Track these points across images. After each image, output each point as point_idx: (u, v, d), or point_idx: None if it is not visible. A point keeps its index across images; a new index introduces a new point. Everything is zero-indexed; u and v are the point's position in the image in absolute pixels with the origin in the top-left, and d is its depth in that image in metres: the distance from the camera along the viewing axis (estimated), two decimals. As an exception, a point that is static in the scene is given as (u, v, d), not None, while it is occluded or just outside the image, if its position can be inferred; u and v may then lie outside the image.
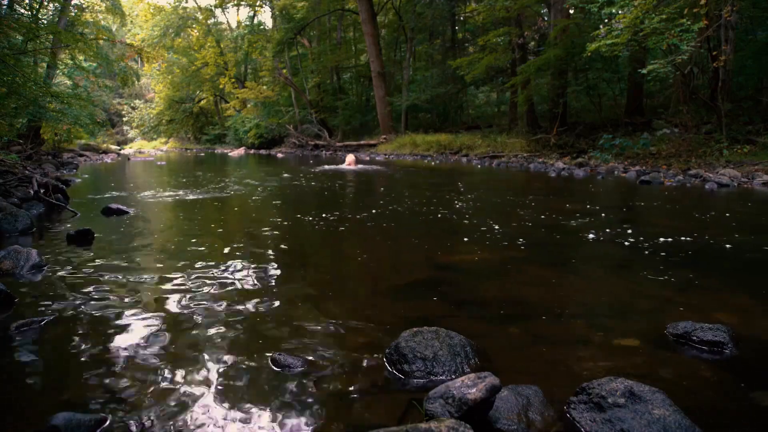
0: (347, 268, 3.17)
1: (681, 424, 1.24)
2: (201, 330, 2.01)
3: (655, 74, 9.66)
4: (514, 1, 14.75)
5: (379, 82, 22.42)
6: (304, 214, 5.00)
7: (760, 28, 11.70)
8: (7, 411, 1.43)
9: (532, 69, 14.76)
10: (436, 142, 18.20)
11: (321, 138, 26.15)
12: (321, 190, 7.69)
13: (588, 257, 3.31)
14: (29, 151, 12.40)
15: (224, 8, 35.22)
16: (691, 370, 1.68)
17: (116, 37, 25.26)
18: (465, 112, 24.19)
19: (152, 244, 3.71)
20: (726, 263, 3.07)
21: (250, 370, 1.67)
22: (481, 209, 5.40)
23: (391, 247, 3.69)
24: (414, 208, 5.30)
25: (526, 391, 1.43)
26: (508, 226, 4.29)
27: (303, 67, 29.80)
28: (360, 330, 2.03)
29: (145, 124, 44.57)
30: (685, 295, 2.48)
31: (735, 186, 7.43)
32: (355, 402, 1.49)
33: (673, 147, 10.60)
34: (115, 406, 1.44)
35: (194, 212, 5.47)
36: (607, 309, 2.30)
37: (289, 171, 12.18)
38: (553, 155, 13.21)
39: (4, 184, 5.58)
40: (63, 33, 12.09)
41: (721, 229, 4.05)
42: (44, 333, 1.97)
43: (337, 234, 4.21)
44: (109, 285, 2.58)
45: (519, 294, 2.52)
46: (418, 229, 4.20)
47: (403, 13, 24.03)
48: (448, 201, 5.90)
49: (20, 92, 8.94)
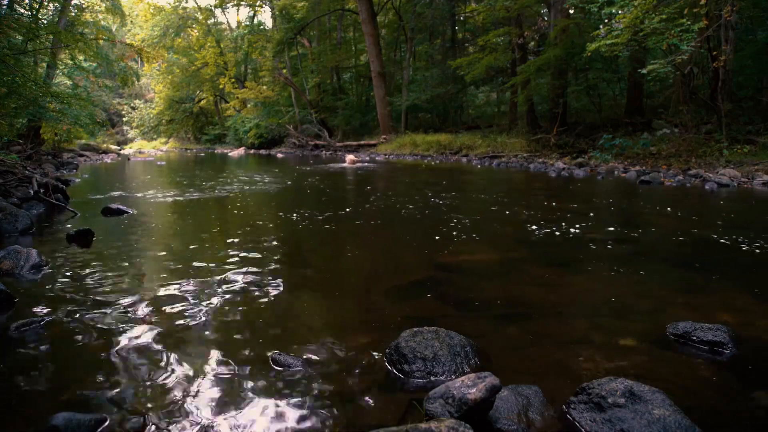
0: (347, 267, 3.17)
1: (681, 424, 1.24)
2: (201, 329, 2.01)
3: (655, 74, 9.66)
4: (514, 1, 14.75)
5: (379, 82, 22.42)
6: (304, 214, 5.00)
7: (760, 28, 11.70)
8: (7, 411, 1.43)
9: (532, 69, 14.75)
10: (436, 142, 18.19)
11: (321, 138, 26.14)
12: (321, 190, 7.69)
13: (588, 257, 3.31)
14: (29, 151, 12.40)
15: (224, 8, 35.22)
16: (691, 370, 1.68)
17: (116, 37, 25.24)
18: (465, 112, 24.18)
19: (152, 243, 3.71)
20: (726, 263, 3.07)
21: (250, 369, 1.67)
22: (481, 209, 5.40)
23: (391, 247, 3.69)
24: (414, 208, 5.30)
25: (526, 391, 1.43)
26: (508, 226, 4.29)
27: (303, 67, 29.79)
28: (360, 330, 2.03)
29: (145, 124, 44.57)
30: (685, 295, 2.48)
31: (735, 186, 7.43)
32: (355, 402, 1.49)
33: (673, 147, 10.60)
34: (115, 406, 1.44)
35: (194, 212, 5.47)
36: (607, 309, 2.30)
37: (289, 171, 12.18)
38: (553, 155, 13.21)
39: (4, 184, 5.58)
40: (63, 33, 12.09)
41: (721, 229, 4.05)
42: (44, 333, 1.97)
43: (337, 234, 4.21)
44: (108, 285, 2.58)
45: (519, 294, 2.52)
46: (418, 229, 4.20)
47: (403, 13, 24.02)
48: (448, 201, 5.90)
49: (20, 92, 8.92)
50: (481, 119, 22.37)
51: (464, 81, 19.77)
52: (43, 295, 2.42)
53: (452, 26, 24.29)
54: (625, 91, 15.12)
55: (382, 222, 4.57)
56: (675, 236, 3.71)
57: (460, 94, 22.76)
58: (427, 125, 22.93)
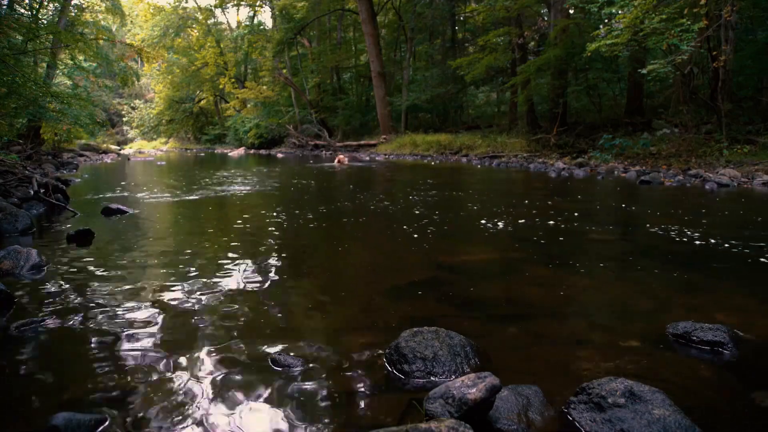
0: (347, 267, 3.17)
1: (681, 424, 1.24)
2: (201, 329, 2.01)
3: (655, 74, 9.66)
4: (514, 1, 14.76)
5: (379, 82, 22.42)
6: (304, 214, 5.00)
7: (760, 28, 11.70)
8: (7, 411, 1.43)
9: (532, 69, 14.76)
10: (436, 142, 18.20)
11: (321, 138, 26.15)
12: (321, 190, 7.69)
13: (588, 257, 3.31)
14: (29, 151, 12.40)
15: (224, 8, 35.24)
16: (691, 370, 1.68)
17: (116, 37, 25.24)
18: (465, 112, 24.19)
19: (152, 243, 3.71)
20: (726, 263, 3.07)
21: (251, 369, 1.67)
22: (481, 209, 5.40)
23: (391, 247, 3.68)
24: (414, 208, 5.30)
25: (526, 391, 1.43)
26: (508, 226, 4.29)
27: (303, 67, 29.79)
28: (360, 330, 2.03)
29: (145, 124, 44.58)
30: (685, 295, 2.48)
31: (735, 186, 7.43)
32: (355, 402, 1.49)
33: (673, 147, 10.60)
34: (115, 406, 1.44)
35: (194, 212, 5.47)
36: (607, 309, 2.30)
37: (289, 171, 12.18)
38: (553, 155, 13.21)
39: (4, 184, 5.58)
40: (63, 33, 12.09)
41: (721, 229, 4.05)
42: (44, 333, 1.97)
43: (337, 233, 4.21)
44: (108, 285, 2.58)
45: (519, 294, 2.52)
46: (418, 229, 4.20)
47: (403, 13, 24.03)
48: (448, 201, 5.90)
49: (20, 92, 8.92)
50: (481, 119, 22.37)
51: (464, 81, 19.78)
52: (43, 295, 2.42)
53: (452, 26, 24.30)
54: (625, 91, 15.12)
55: (382, 221, 4.57)
56: (675, 236, 3.71)
57: (460, 94, 22.77)
58: (427, 125, 22.93)
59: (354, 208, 5.63)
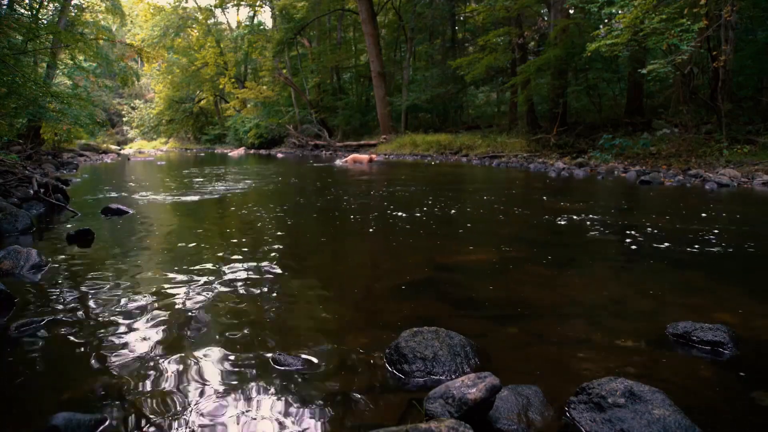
0: (347, 267, 3.17)
1: (681, 424, 1.24)
2: (201, 330, 2.01)
3: (655, 74, 9.66)
4: (514, 1, 14.75)
5: (379, 82, 22.42)
6: (304, 214, 5.00)
7: (760, 28, 11.70)
8: (7, 411, 1.43)
9: (532, 69, 14.76)
10: (436, 142, 18.20)
11: (321, 138, 26.15)
12: (321, 190, 7.69)
13: (588, 257, 3.31)
14: (29, 151, 12.40)
15: (224, 8, 35.22)
16: (691, 370, 1.68)
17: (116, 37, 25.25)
18: (465, 112, 24.19)
19: (152, 243, 3.71)
20: (726, 263, 3.07)
21: (251, 369, 1.67)
22: (480, 209, 5.40)
23: (391, 247, 3.68)
24: (414, 208, 5.30)
25: (526, 391, 1.43)
26: (508, 226, 4.29)
27: (303, 67, 29.79)
28: (360, 330, 2.03)
29: (145, 124, 44.58)
30: (685, 295, 2.48)
31: (735, 186, 7.43)
32: (355, 402, 1.49)
33: (673, 147, 10.60)
34: (115, 406, 1.44)
35: (194, 212, 5.47)
36: (607, 309, 2.30)
37: (289, 171, 12.18)
38: (553, 155, 13.21)
39: (4, 184, 5.58)
40: (63, 33, 12.09)
41: (721, 229, 4.05)
42: (44, 333, 1.97)
43: (337, 233, 4.21)
44: (108, 285, 2.58)
45: (519, 294, 2.51)
46: (418, 229, 4.20)
47: (403, 13, 24.03)
48: (448, 201, 5.90)
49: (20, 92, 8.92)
50: (481, 119, 22.38)
51: (464, 81, 19.78)
52: (43, 295, 2.42)
53: (452, 26, 24.30)
54: (625, 91, 15.12)
55: (382, 221, 4.57)
56: (675, 236, 3.71)
57: (460, 94, 22.77)
58: (427, 125, 22.93)
59: (353, 207, 5.63)
